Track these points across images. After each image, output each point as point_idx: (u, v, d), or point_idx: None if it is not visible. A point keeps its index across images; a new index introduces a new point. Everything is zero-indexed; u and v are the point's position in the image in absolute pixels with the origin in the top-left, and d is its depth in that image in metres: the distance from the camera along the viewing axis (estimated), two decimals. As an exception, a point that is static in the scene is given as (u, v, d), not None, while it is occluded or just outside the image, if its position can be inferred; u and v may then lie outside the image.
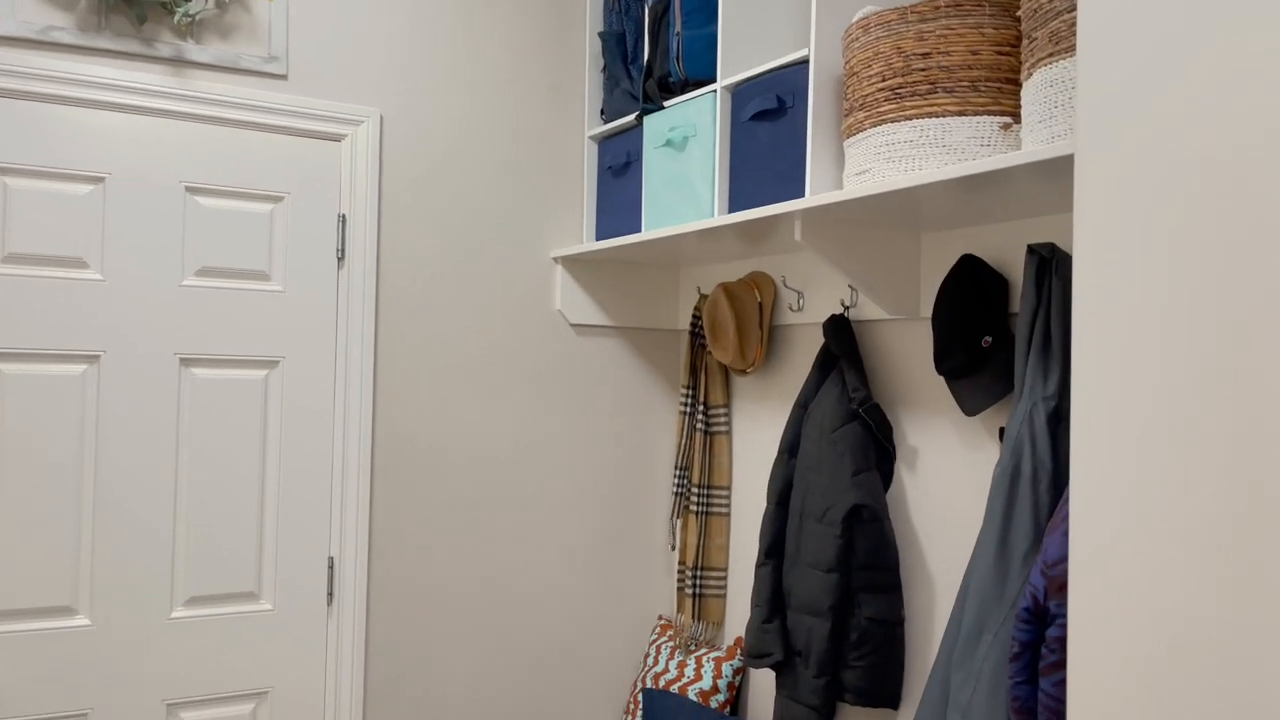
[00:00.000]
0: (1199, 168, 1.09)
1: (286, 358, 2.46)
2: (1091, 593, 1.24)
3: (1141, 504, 1.18)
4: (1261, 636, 1.05)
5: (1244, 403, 1.07)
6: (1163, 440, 1.15)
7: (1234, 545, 1.07)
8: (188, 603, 2.35)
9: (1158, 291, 1.15)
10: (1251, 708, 1.06)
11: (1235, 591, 1.07)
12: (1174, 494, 1.14)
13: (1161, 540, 1.15)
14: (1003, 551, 1.75)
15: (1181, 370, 1.13)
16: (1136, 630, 1.18)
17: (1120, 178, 1.17)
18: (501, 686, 2.74)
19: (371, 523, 2.56)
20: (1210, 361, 1.10)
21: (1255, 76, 1.03)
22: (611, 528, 2.91)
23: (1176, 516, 1.13)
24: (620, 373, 2.92)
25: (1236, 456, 1.07)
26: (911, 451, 2.24)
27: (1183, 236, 1.12)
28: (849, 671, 2.16)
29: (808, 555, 2.21)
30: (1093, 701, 1.23)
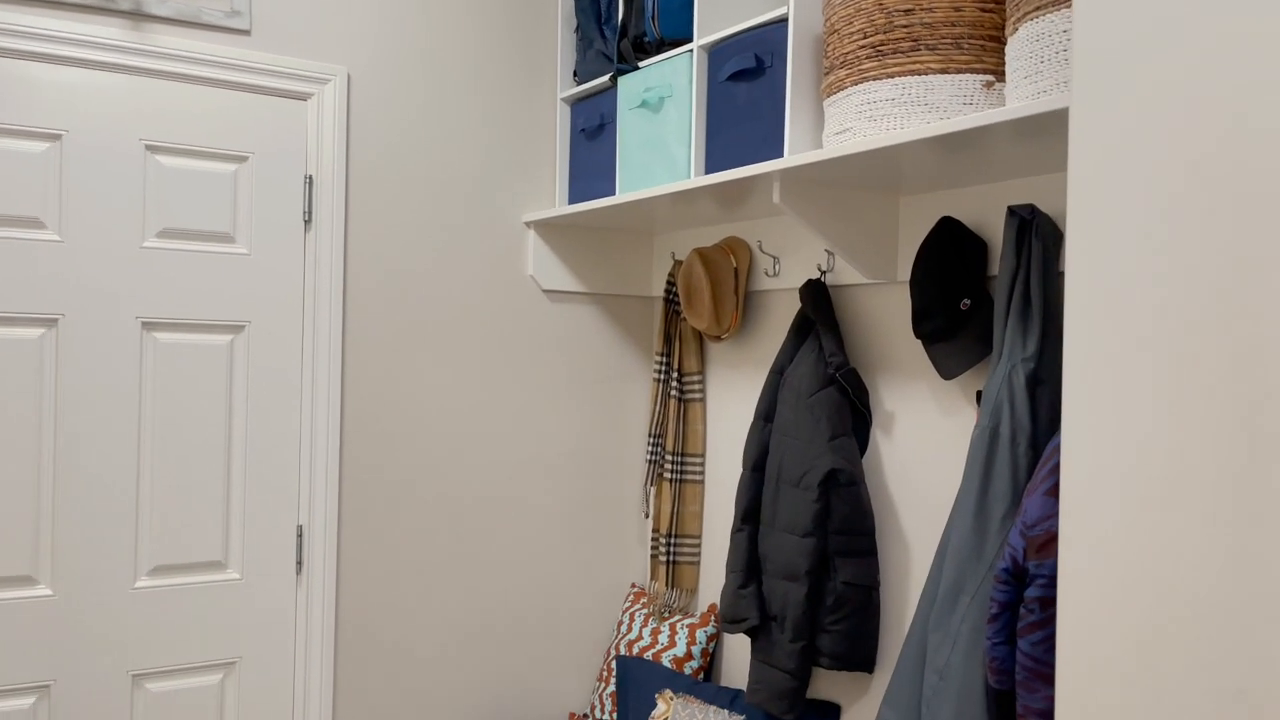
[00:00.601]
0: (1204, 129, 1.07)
1: (252, 322, 2.40)
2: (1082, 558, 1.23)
3: (1134, 467, 1.17)
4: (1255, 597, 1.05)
5: (1242, 370, 1.06)
6: (1157, 407, 1.14)
7: (1230, 507, 1.07)
8: (152, 572, 2.30)
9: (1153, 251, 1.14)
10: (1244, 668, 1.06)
11: (1229, 552, 1.07)
12: (1168, 458, 1.13)
13: (1154, 503, 1.14)
14: (981, 513, 1.75)
15: (1178, 337, 1.12)
16: (1128, 595, 1.17)
17: (1118, 138, 1.15)
18: (474, 655, 2.72)
19: (341, 491, 2.52)
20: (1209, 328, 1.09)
21: (1270, 33, 1.01)
22: (585, 495, 2.88)
23: (1170, 480, 1.13)
24: (594, 340, 2.89)
25: (1232, 421, 1.07)
26: (888, 416, 2.23)
27: (1184, 199, 1.10)
28: (825, 636, 2.16)
29: (784, 520, 2.20)
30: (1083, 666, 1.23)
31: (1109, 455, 1.20)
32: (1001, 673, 1.63)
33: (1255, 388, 1.05)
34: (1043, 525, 1.57)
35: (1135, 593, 1.17)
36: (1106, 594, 1.20)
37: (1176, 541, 1.12)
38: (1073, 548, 1.25)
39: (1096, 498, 1.21)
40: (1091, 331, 1.21)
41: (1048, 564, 1.56)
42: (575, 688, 2.88)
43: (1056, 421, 1.77)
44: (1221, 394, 1.08)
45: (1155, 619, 1.14)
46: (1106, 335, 1.20)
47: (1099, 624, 1.21)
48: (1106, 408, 1.20)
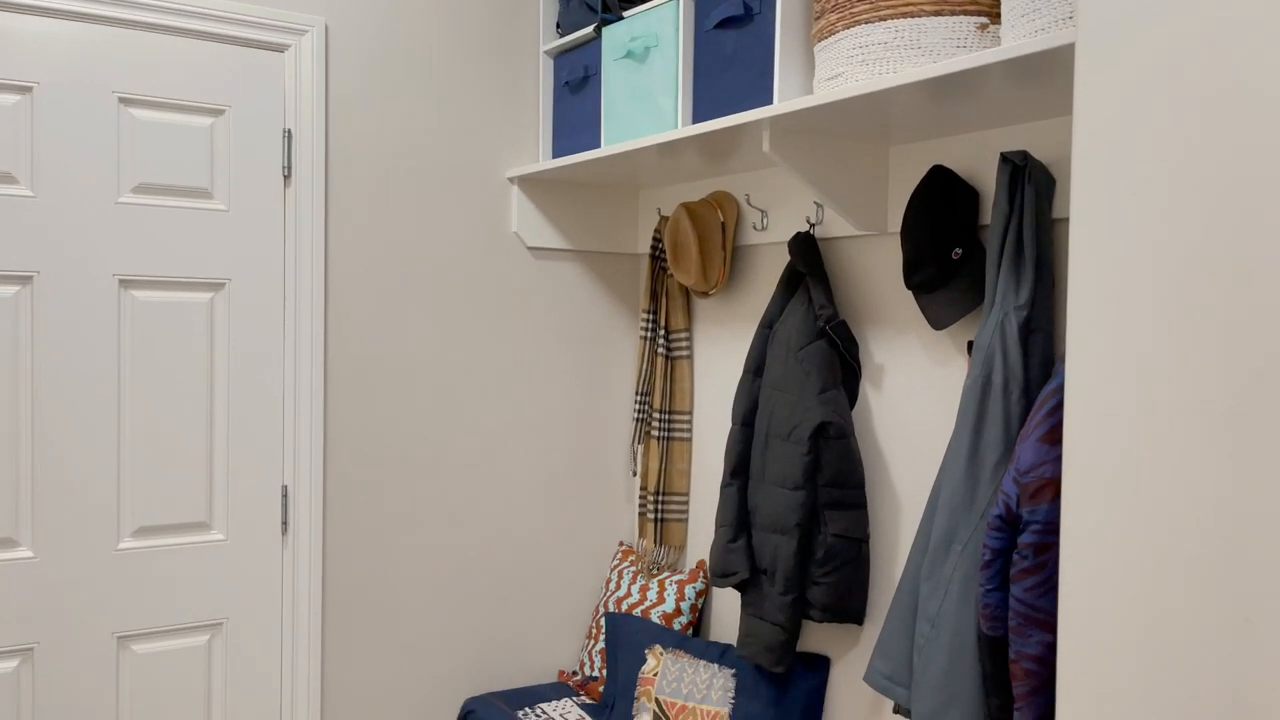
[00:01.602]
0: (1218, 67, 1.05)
1: (232, 280, 2.36)
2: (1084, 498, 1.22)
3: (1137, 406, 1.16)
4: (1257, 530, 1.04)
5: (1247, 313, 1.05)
6: (1159, 348, 1.13)
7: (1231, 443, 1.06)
8: (136, 533, 2.27)
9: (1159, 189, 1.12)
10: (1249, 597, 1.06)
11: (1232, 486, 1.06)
12: (1171, 397, 1.12)
13: (1157, 441, 1.13)
14: (973, 462, 1.74)
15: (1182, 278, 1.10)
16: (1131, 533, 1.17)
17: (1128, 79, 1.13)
18: (462, 614, 2.71)
19: (326, 450, 2.49)
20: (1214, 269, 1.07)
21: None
22: (572, 454, 2.87)
23: (1173, 418, 1.12)
24: (580, 297, 2.86)
25: (1235, 361, 1.06)
26: (878, 369, 2.22)
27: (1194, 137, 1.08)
28: (815, 588, 2.16)
29: (773, 474, 2.19)
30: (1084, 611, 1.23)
31: (1112, 396, 1.19)
32: (994, 619, 1.63)
33: (1259, 329, 1.03)
34: (1036, 472, 1.57)
35: (1138, 530, 1.17)
36: (1109, 534, 1.20)
37: (1179, 479, 1.12)
38: (1075, 489, 1.24)
39: (1100, 438, 1.20)
40: (1096, 272, 1.20)
41: (1041, 510, 1.56)
42: (564, 646, 2.88)
43: (1049, 369, 1.76)
44: (1225, 335, 1.07)
45: (1159, 554, 1.14)
46: (1110, 276, 1.18)
47: (1102, 564, 1.21)
48: (1109, 350, 1.19)
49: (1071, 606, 1.25)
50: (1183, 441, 1.11)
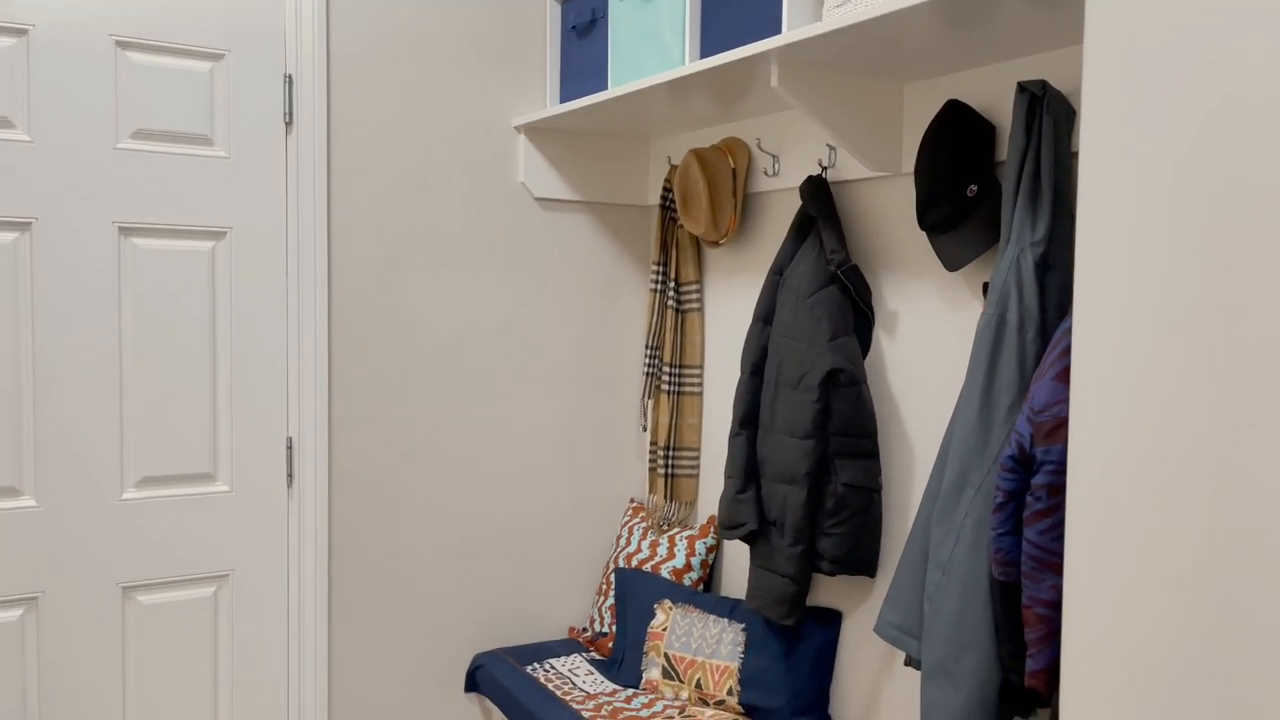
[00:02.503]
0: None
1: (234, 228, 2.32)
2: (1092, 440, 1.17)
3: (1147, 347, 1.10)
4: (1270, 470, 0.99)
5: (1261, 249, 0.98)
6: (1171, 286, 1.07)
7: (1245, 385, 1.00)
8: (140, 484, 2.26)
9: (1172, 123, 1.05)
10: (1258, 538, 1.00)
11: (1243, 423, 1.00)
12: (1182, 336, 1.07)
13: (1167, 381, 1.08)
14: (987, 403, 1.68)
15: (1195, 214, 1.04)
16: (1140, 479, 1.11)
17: None
18: (471, 569, 2.68)
19: (331, 402, 2.46)
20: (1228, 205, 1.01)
21: None
22: (581, 409, 2.83)
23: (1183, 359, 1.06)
24: (588, 249, 2.81)
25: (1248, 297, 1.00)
26: (891, 315, 2.16)
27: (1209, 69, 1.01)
28: (825, 539, 2.11)
29: (783, 423, 2.14)
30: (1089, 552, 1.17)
31: (1122, 335, 1.13)
32: (1007, 564, 1.58)
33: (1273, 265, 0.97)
34: (1051, 410, 1.51)
35: (1149, 470, 1.11)
36: (1118, 474, 1.14)
37: (1191, 417, 1.06)
38: (1083, 430, 1.19)
39: (1109, 376, 1.15)
40: (1106, 207, 1.14)
41: (1056, 450, 1.50)
42: (575, 602, 2.85)
43: (1066, 307, 1.70)
44: (1242, 269, 1.00)
45: (1170, 495, 1.08)
46: (1122, 211, 1.12)
47: (1110, 506, 1.16)
48: (1120, 286, 1.13)
49: (1078, 549, 1.19)
50: (1196, 380, 1.05)
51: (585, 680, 2.49)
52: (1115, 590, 1.15)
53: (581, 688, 2.44)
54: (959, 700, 1.66)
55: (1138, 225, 1.10)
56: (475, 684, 2.64)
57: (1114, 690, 1.15)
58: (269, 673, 2.41)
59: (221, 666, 2.37)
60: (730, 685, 2.31)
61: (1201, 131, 1.04)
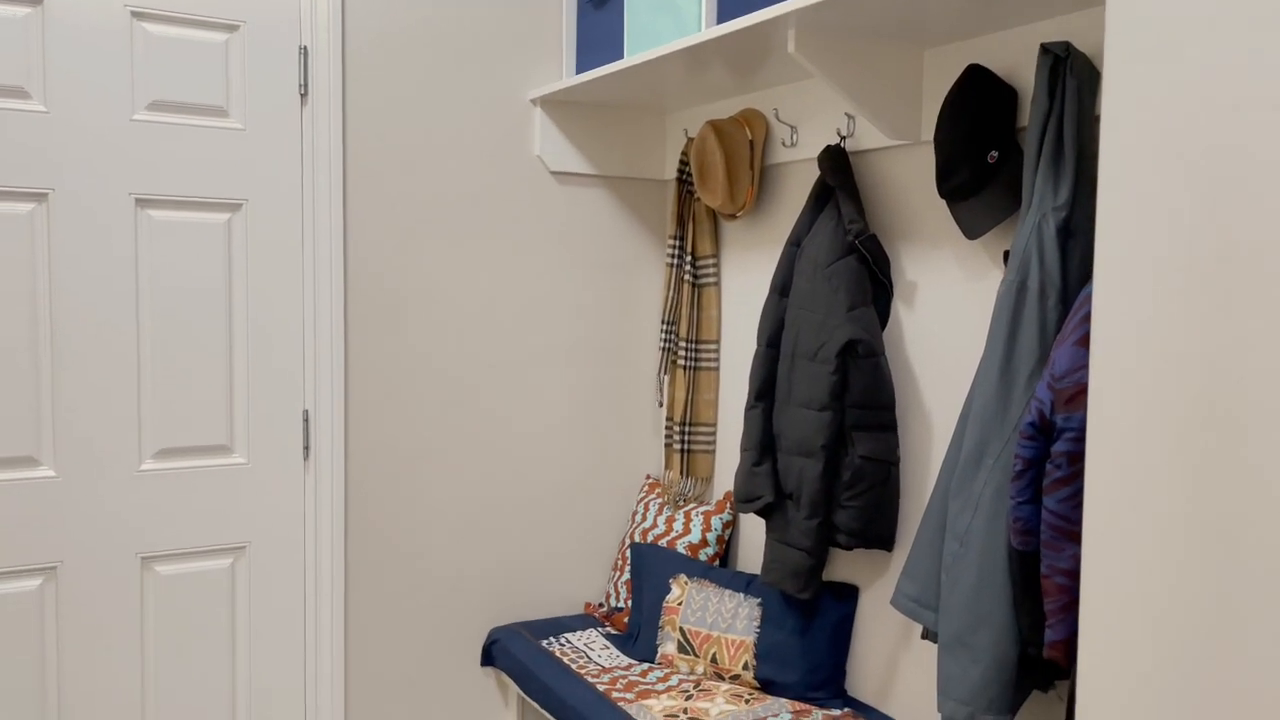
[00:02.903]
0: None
1: (250, 200, 2.32)
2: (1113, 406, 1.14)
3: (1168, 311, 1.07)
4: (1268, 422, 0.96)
5: None
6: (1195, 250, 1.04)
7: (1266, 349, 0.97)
8: (157, 455, 2.27)
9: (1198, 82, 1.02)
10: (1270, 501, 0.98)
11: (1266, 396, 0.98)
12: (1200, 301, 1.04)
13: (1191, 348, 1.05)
14: (1006, 371, 1.66)
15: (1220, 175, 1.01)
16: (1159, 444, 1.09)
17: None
18: (487, 544, 2.68)
19: (347, 376, 2.46)
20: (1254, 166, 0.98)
21: None
22: (597, 385, 2.81)
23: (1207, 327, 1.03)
24: (605, 224, 2.79)
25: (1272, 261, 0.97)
26: (910, 286, 2.13)
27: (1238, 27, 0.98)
28: (841, 512, 2.09)
29: (799, 395, 2.12)
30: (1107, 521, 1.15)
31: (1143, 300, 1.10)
32: (1026, 533, 1.56)
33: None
34: (1073, 377, 1.48)
35: (1168, 435, 1.08)
36: (1137, 443, 1.12)
37: (1213, 382, 1.03)
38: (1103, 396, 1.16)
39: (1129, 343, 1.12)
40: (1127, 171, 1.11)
41: (1077, 417, 1.48)
42: (591, 578, 2.85)
43: (1088, 273, 1.66)
44: (1263, 237, 0.97)
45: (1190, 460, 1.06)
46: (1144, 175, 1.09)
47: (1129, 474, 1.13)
48: (1142, 252, 1.10)
49: (1097, 518, 1.17)
50: (1218, 344, 1.03)
51: (601, 655, 2.48)
52: (1134, 559, 1.12)
53: (597, 662, 2.44)
54: (976, 672, 1.64)
55: (1160, 189, 1.08)
56: (491, 658, 2.64)
57: (1133, 661, 1.13)
58: (286, 645, 2.42)
59: (239, 638, 2.38)
60: (746, 660, 2.29)
61: (1227, 93, 1.01)
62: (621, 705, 2.18)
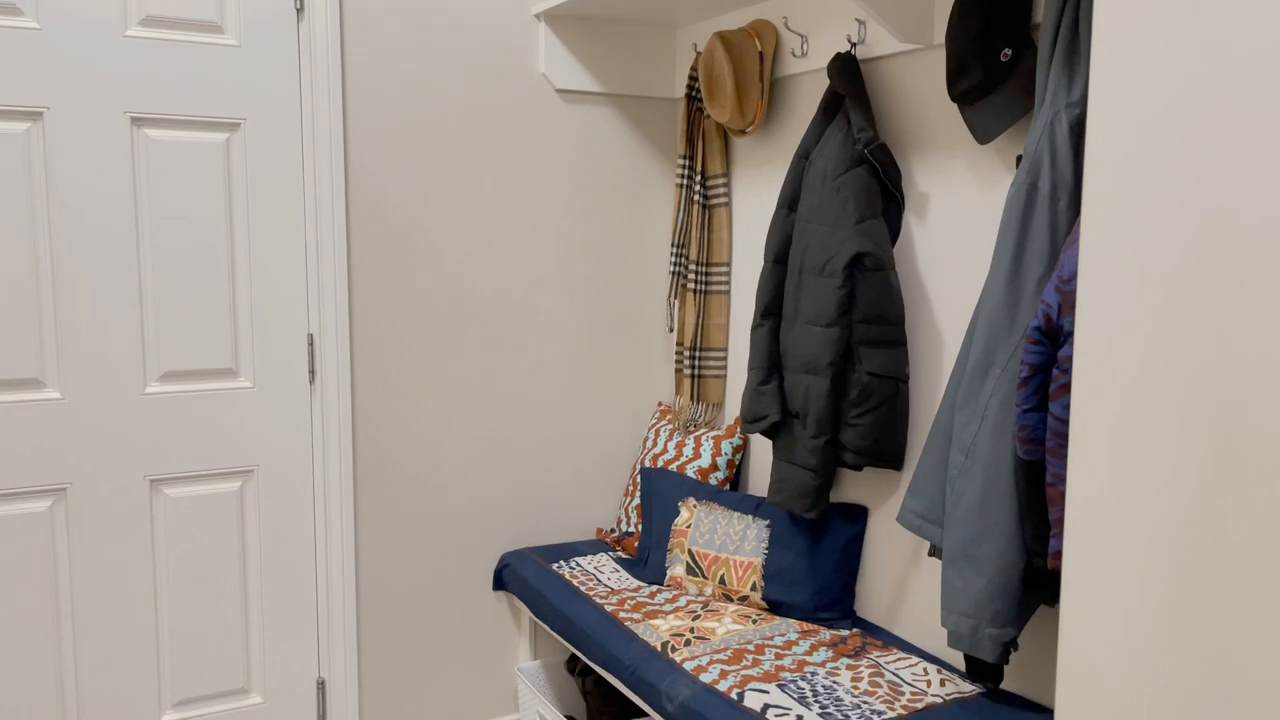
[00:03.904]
0: None
1: (248, 120, 2.28)
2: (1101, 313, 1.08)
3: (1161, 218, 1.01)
4: None
5: None
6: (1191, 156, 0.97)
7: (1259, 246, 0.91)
8: (162, 378, 2.26)
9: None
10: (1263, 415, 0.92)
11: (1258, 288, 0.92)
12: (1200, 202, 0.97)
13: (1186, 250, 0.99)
14: (1015, 277, 1.60)
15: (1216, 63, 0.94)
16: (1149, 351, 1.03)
17: None
18: (497, 470, 2.67)
19: (351, 299, 2.43)
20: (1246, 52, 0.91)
21: None
22: (607, 310, 2.77)
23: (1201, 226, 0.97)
24: (612, 144, 2.72)
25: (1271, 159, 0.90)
26: (921, 198, 2.06)
27: None
28: (848, 430, 2.05)
29: (806, 312, 2.07)
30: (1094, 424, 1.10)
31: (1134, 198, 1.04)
32: (1031, 441, 1.51)
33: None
34: (1081, 278, 1.42)
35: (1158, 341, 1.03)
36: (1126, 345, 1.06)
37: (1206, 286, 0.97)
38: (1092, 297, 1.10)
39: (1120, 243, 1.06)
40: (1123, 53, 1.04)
41: (1085, 320, 1.42)
42: (602, 504, 2.84)
43: (1103, 174, 1.59)
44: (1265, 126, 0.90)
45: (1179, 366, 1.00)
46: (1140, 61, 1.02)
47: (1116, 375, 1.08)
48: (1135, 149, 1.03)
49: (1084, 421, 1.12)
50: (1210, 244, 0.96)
51: (610, 577, 2.48)
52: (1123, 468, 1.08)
53: (606, 584, 2.43)
54: (980, 584, 1.61)
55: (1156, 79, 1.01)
56: (502, 582, 2.64)
57: (1119, 568, 1.08)
58: (297, 567, 2.44)
59: (250, 560, 2.39)
60: (754, 581, 2.28)
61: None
62: (628, 625, 2.17)
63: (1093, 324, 1.12)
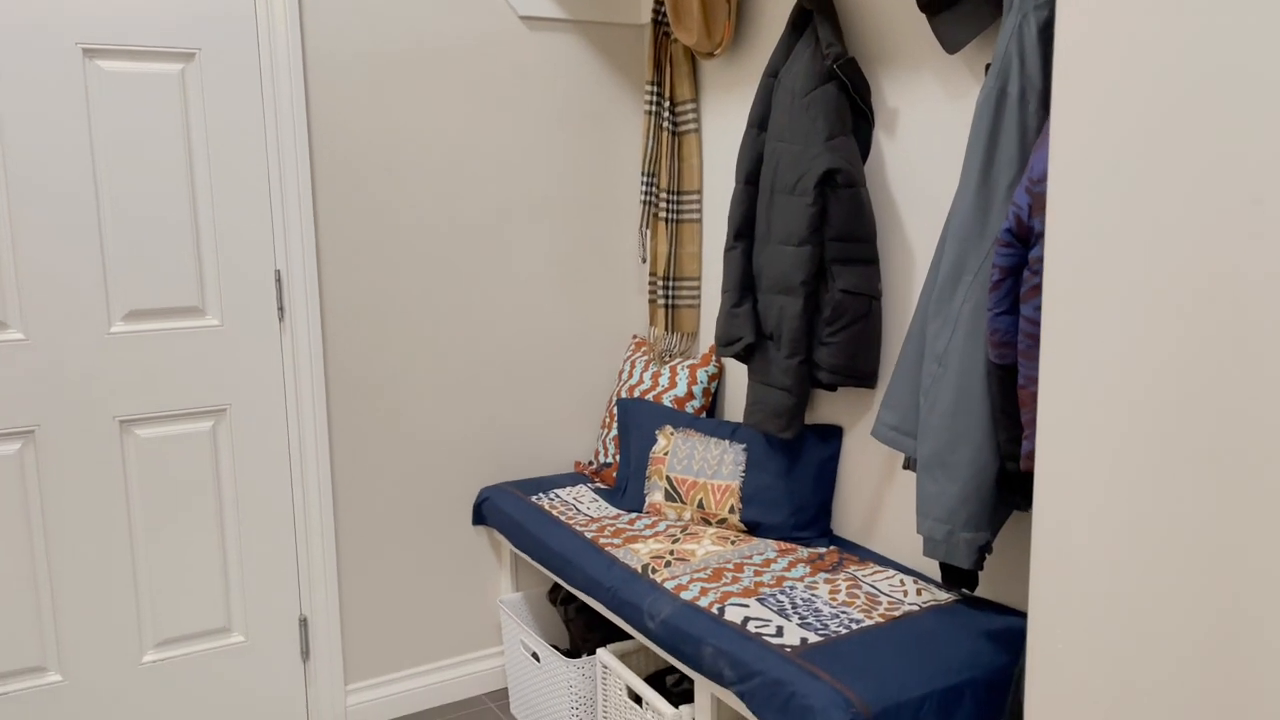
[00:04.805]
0: None
1: (202, 50, 2.22)
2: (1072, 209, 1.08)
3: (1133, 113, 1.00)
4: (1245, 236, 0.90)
5: None
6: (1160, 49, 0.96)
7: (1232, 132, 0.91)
8: (127, 317, 2.23)
9: None
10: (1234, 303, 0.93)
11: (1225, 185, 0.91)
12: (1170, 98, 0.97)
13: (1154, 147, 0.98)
14: (985, 183, 1.59)
15: None
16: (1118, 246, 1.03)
17: None
18: (475, 406, 2.66)
19: (318, 233, 2.40)
20: None
21: None
22: (577, 242, 2.75)
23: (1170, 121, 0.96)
24: (579, 72, 2.68)
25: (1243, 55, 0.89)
26: (891, 114, 2.05)
27: None
28: (822, 349, 2.06)
29: (779, 232, 2.06)
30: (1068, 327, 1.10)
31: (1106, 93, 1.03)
32: (1003, 345, 1.52)
33: None
34: (1051, 179, 1.41)
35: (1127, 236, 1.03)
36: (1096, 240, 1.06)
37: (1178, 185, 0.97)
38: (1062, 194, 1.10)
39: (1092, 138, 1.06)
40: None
41: (1055, 220, 1.42)
42: (579, 437, 2.84)
43: (1072, 76, 1.58)
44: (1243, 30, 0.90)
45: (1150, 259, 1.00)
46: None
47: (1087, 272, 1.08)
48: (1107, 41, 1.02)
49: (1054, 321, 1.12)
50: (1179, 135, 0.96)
51: (590, 507, 2.49)
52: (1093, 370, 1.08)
53: (585, 513, 2.44)
54: (954, 490, 1.63)
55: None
56: (482, 516, 2.65)
57: (1091, 468, 1.10)
58: (274, 506, 2.43)
59: (226, 499, 2.38)
60: (732, 504, 2.30)
61: None
62: (609, 550, 2.19)
63: (1064, 222, 1.12)
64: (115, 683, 2.30)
